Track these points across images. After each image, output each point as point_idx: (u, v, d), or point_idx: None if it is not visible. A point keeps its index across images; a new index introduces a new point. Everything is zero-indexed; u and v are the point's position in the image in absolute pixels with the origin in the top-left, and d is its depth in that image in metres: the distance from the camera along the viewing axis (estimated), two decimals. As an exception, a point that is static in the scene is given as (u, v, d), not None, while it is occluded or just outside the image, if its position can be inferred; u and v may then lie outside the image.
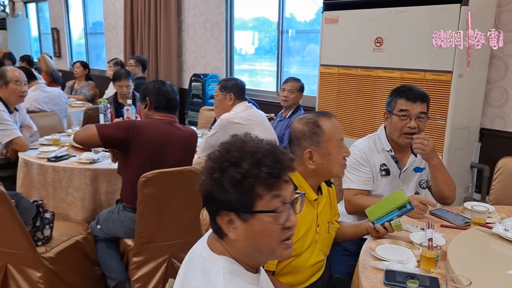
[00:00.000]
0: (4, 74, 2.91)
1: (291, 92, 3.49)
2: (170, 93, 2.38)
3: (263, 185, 0.97)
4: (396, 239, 1.63)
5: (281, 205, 0.99)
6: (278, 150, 1.02)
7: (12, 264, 2.15)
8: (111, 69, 5.40)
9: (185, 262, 1.10)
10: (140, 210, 2.15)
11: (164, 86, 2.40)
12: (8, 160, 2.99)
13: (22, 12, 10.77)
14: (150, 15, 6.13)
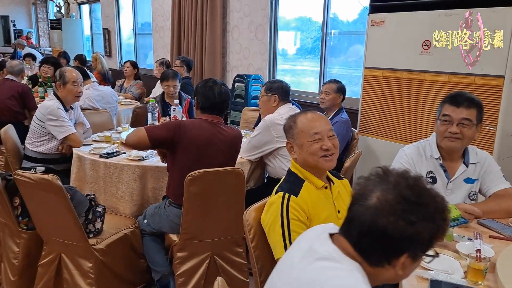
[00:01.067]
0: (63, 75, 3.09)
1: (327, 93, 3.48)
2: (216, 95, 2.40)
3: (444, 233, 1.05)
4: (442, 248, 1.60)
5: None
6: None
7: (65, 253, 2.29)
8: (158, 68, 5.59)
9: (301, 255, 1.09)
10: (186, 207, 2.24)
11: (212, 87, 2.41)
12: (63, 155, 3.17)
13: (76, 13, 11.30)
14: (196, 16, 6.28)
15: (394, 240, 0.99)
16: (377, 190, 1.01)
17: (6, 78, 4.42)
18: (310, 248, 1.07)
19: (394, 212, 0.98)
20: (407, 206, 0.98)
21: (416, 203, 0.99)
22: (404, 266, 1.02)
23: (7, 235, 2.46)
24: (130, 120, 4.67)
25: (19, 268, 2.41)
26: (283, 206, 1.54)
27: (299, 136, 1.67)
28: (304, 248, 1.10)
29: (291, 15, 5.56)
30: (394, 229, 0.98)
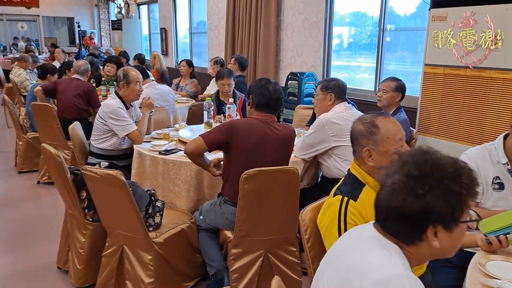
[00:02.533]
0: (127, 75, 3.23)
1: (385, 92, 3.38)
2: (271, 93, 2.42)
3: (472, 196, 1.05)
4: (509, 256, 1.52)
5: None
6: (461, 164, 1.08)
7: (127, 245, 2.40)
8: (212, 67, 5.69)
9: (348, 241, 1.18)
10: (241, 205, 2.28)
11: (267, 85, 2.44)
12: (125, 151, 3.33)
13: (135, 14, 11.76)
14: (250, 15, 6.33)
15: (410, 216, 1.03)
16: (391, 174, 1.07)
17: (73, 77, 4.69)
18: (355, 235, 1.17)
19: (402, 191, 1.03)
20: (412, 181, 1.03)
21: (420, 176, 1.03)
22: (439, 238, 1.04)
23: (74, 226, 2.63)
24: (186, 118, 4.81)
25: (85, 257, 2.56)
26: (341, 210, 1.52)
27: (384, 143, 1.59)
28: (350, 236, 1.19)
29: (345, 10, 5.46)
30: (405, 206, 1.02)
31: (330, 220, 1.54)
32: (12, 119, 4.78)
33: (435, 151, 1.09)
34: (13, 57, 11.40)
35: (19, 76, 6.80)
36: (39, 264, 2.95)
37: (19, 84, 6.75)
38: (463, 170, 1.05)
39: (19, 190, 4.40)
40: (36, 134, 4.64)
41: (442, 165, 1.04)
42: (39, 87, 4.65)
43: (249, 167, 2.24)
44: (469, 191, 1.04)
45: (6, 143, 6.00)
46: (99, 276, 2.49)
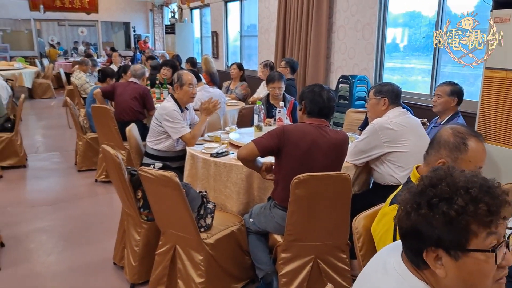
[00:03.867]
0: (181, 78, 3.34)
1: (439, 96, 3.25)
2: (325, 100, 2.42)
3: (480, 222, 0.92)
4: None
5: (497, 243, 0.93)
6: (491, 183, 0.96)
7: (180, 245, 2.47)
8: (262, 70, 5.72)
9: (372, 268, 1.12)
10: (291, 209, 2.27)
11: (320, 93, 2.44)
12: (178, 153, 3.42)
13: (188, 18, 12.07)
14: (301, 17, 6.31)
15: (404, 236, 0.99)
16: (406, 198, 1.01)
17: (130, 80, 4.89)
18: (382, 263, 1.08)
19: (407, 212, 0.98)
20: (409, 199, 0.98)
21: (417, 193, 0.97)
22: (446, 266, 0.95)
23: (130, 224, 2.74)
24: (236, 121, 4.87)
25: (139, 255, 2.66)
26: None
27: (464, 165, 1.51)
28: (379, 258, 1.12)
29: (399, 11, 5.31)
30: (400, 225, 0.99)
31: (385, 229, 1.51)
32: (73, 120, 5.06)
33: (464, 172, 0.98)
34: (74, 60, 12.06)
35: (79, 79, 7.18)
36: (96, 259, 3.10)
37: (79, 86, 7.13)
38: (478, 194, 0.92)
39: (78, 187, 4.64)
40: (95, 135, 4.87)
41: (442, 184, 0.94)
42: (98, 90, 4.88)
43: (300, 172, 2.24)
44: (476, 217, 0.91)
45: (67, 143, 6.35)
46: (152, 273, 2.58)
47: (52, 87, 10.79)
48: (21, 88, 9.73)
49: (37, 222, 3.75)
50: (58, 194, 4.45)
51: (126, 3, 16.22)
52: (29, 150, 5.73)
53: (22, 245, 3.31)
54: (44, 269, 3.00)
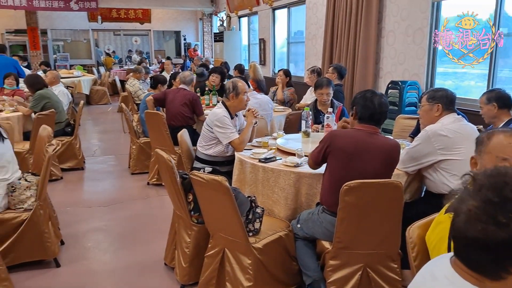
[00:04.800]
0: (237, 87, 3.41)
1: (481, 107, 3.17)
2: (376, 106, 2.40)
3: None
4: None
5: None
6: None
7: (228, 248, 2.52)
8: (309, 76, 5.72)
9: (421, 277, 1.10)
10: (340, 216, 2.26)
11: (372, 98, 2.42)
12: (227, 158, 3.49)
13: (236, 26, 12.29)
14: (350, 23, 6.25)
15: (492, 248, 0.90)
16: (466, 200, 0.96)
17: (180, 87, 5.05)
18: (430, 271, 1.05)
19: (480, 219, 0.91)
20: (492, 208, 0.91)
21: (500, 202, 0.90)
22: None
23: (181, 226, 2.83)
24: (282, 127, 4.90)
25: (189, 256, 2.74)
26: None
27: (486, 157, 1.54)
28: (426, 267, 1.09)
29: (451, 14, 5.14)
30: (486, 237, 0.90)
31: (439, 238, 1.47)
32: (127, 125, 5.29)
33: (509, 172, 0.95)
34: (128, 68, 12.61)
35: (133, 86, 7.50)
36: (148, 259, 3.21)
37: (133, 93, 7.44)
38: None
39: (132, 190, 4.84)
40: (147, 139, 5.07)
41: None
42: (150, 97, 5.08)
43: (348, 177, 2.24)
44: None
45: (121, 147, 6.64)
46: (201, 275, 2.64)
47: (108, 94, 11.33)
48: (80, 95, 10.29)
49: (94, 221, 3.95)
50: (113, 195, 4.67)
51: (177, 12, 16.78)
52: (87, 153, 6.05)
53: (80, 244, 3.50)
54: (100, 267, 3.16)
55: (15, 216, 2.89)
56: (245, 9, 11.08)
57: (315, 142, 2.84)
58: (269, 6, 9.54)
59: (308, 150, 3.01)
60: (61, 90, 5.99)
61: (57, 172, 5.02)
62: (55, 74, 6.23)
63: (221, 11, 13.53)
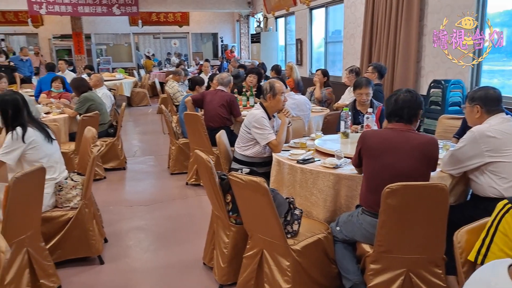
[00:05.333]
0: (274, 87, 3.41)
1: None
2: (399, 102, 2.41)
3: None
4: None
5: None
6: None
7: (267, 250, 2.51)
8: (347, 76, 5.63)
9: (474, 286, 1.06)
10: (382, 219, 2.21)
11: (395, 96, 2.45)
12: (265, 159, 3.49)
13: (273, 27, 12.28)
14: (390, 21, 6.11)
15: None
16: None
17: (218, 88, 5.09)
18: (486, 282, 0.99)
19: None
20: None
21: None
22: None
23: (220, 227, 2.85)
24: (320, 127, 4.85)
25: (228, 257, 2.76)
26: (499, 213, 1.38)
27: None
28: (480, 280, 1.03)
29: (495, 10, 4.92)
30: None
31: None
32: (167, 127, 5.40)
33: None
34: (167, 70, 12.89)
35: (172, 88, 7.65)
36: (187, 259, 3.26)
37: (172, 95, 7.60)
38: None
39: (171, 190, 4.93)
40: (186, 140, 5.15)
41: None
42: (189, 98, 5.16)
43: (381, 175, 2.31)
44: None
45: (160, 148, 6.79)
46: (240, 276, 2.65)
47: (148, 96, 11.62)
48: (121, 97, 10.60)
49: (135, 220, 4.05)
50: (153, 195, 4.78)
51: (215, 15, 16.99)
52: (128, 154, 6.22)
53: (122, 242, 3.60)
54: (141, 265, 3.24)
55: (62, 214, 3.01)
56: (282, 10, 11.06)
57: (354, 143, 2.80)
58: (306, 6, 9.48)
59: (347, 151, 2.97)
60: (104, 93, 6.19)
61: (101, 172, 5.20)
62: (99, 77, 6.45)
63: (258, 12, 13.58)
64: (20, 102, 2.91)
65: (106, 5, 12.28)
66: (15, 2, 11.97)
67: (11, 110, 2.87)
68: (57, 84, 6.35)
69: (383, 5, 6.27)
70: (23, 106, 2.92)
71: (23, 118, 2.90)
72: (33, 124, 2.97)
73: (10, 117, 2.88)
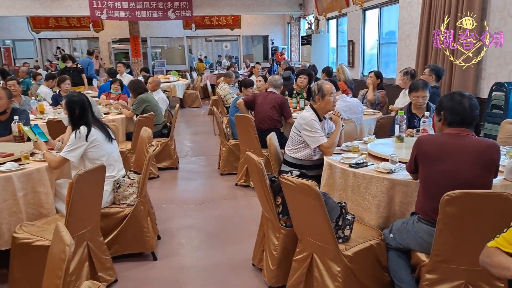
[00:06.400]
0: (322, 88, 3.38)
1: None
2: (467, 109, 2.29)
3: None
4: None
5: None
6: None
7: (317, 254, 2.48)
8: (402, 78, 5.45)
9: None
10: (440, 228, 2.12)
11: (462, 101, 2.31)
12: (315, 162, 3.46)
13: (324, 28, 12.16)
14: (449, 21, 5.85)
15: None
16: None
17: (269, 90, 5.12)
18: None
19: None
20: None
21: None
22: None
23: (269, 228, 2.86)
24: (372, 131, 4.73)
25: (277, 259, 2.75)
26: None
27: None
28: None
29: None
30: None
31: None
32: (218, 128, 5.49)
33: None
34: (218, 73, 13.13)
35: (223, 90, 7.78)
36: (237, 259, 3.30)
37: (223, 97, 7.72)
38: None
39: (221, 190, 5.01)
40: (236, 142, 5.21)
41: None
42: (241, 100, 5.22)
43: (439, 182, 2.23)
44: None
45: (211, 148, 6.92)
46: (289, 278, 2.64)
47: (199, 97, 11.89)
48: (174, 98, 10.91)
49: (186, 219, 4.16)
50: (204, 194, 4.88)
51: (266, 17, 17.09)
52: (180, 154, 6.38)
53: (174, 239, 3.70)
54: (192, 263, 3.31)
55: (119, 210, 3.15)
56: (334, 11, 10.92)
57: (409, 147, 2.71)
58: (360, 7, 9.30)
59: (402, 156, 2.88)
60: (160, 97, 6.41)
61: (155, 171, 5.38)
62: (156, 81, 6.68)
63: (309, 14, 13.49)
64: (86, 103, 3.09)
65: (162, 10, 12.72)
66: (79, 8, 12.68)
67: (78, 110, 3.05)
68: (116, 86, 6.65)
69: (441, 4, 6.03)
70: (88, 106, 3.09)
71: (87, 118, 3.07)
72: (95, 124, 3.13)
73: (76, 117, 3.05)
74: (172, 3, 12.71)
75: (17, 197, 2.83)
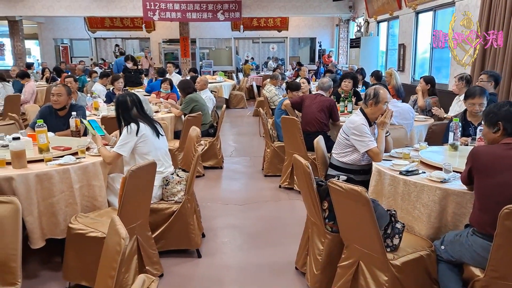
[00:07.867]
0: (378, 94, 3.29)
1: None
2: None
3: None
4: None
5: None
6: None
7: (363, 261, 2.43)
8: (456, 84, 5.24)
9: None
10: (497, 243, 2.02)
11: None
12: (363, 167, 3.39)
13: (374, 31, 11.91)
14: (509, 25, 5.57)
15: None
16: None
17: (317, 93, 5.08)
18: None
19: None
20: None
21: None
22: None
23: (315, 233, 2.83)
24: (423, 137, 4.57)
25: (321, 264, 2.72)
26: None
27: None
28: None
29: None
30: None
31: None
32: (263, 129, 5.51)
33: None
34: (264, 74, 13.18)
35: (270, 92, 7.80)
36: (279, 261, 3.29)
37: (269, 98, 7.74)
38: None
39: (264, 191, 5.02)
40: (281, 144, 5.21)
41: None
42: (287, 101, 5.21)
43: (499, 195, 2.12)
44: None
45: (255, 149, 6.95)
46: (333, 284, 2.60)
47: (245, 98, 11.98)
48: (220, 99, 11.07)
49: (230, 218, 4.20)
50: (247, 195, 4.91)
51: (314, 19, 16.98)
52: (225, 154, 6.46)
53: (218, 238, 3.75)
54: (235, 262, 3.34)
55: (167, 207, 3.23)
56: (385, 14, 10.68)
57: (463, 156, 2.61)
58: (412, 10, 9.03)
59: (455, 165, 2.77)
60: (207, 96, 6.52)
61: (201, 169, 5.47)
62: (204, 80, 6.81)
63: (359, 16, 13.27)
64: (128, 103, 3.21)
65: (211, 11, 12.95)
66: (133, 9, 13.16)
67: (120, 109, 3.21)
68: (166, 85, 6.83)
69: (501, 7, 5.74)
70: (131, 105, 3.21)
71: (130, 116, 3.18)
72: (145, 120, 3.24)
73: (120, 115, 3.20)
74: (222, 5, 12.92)
75: (73, 189, 2.96)
